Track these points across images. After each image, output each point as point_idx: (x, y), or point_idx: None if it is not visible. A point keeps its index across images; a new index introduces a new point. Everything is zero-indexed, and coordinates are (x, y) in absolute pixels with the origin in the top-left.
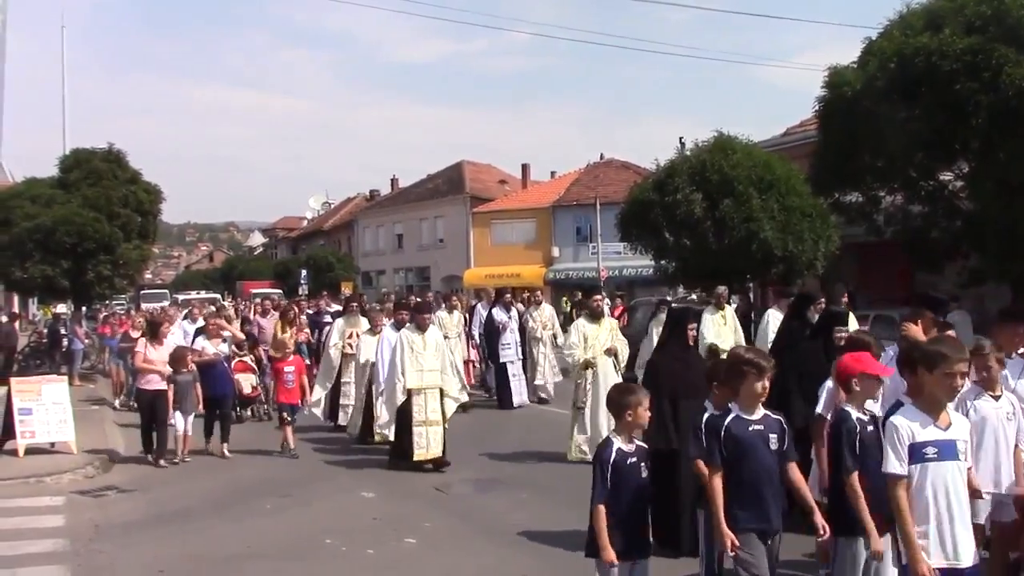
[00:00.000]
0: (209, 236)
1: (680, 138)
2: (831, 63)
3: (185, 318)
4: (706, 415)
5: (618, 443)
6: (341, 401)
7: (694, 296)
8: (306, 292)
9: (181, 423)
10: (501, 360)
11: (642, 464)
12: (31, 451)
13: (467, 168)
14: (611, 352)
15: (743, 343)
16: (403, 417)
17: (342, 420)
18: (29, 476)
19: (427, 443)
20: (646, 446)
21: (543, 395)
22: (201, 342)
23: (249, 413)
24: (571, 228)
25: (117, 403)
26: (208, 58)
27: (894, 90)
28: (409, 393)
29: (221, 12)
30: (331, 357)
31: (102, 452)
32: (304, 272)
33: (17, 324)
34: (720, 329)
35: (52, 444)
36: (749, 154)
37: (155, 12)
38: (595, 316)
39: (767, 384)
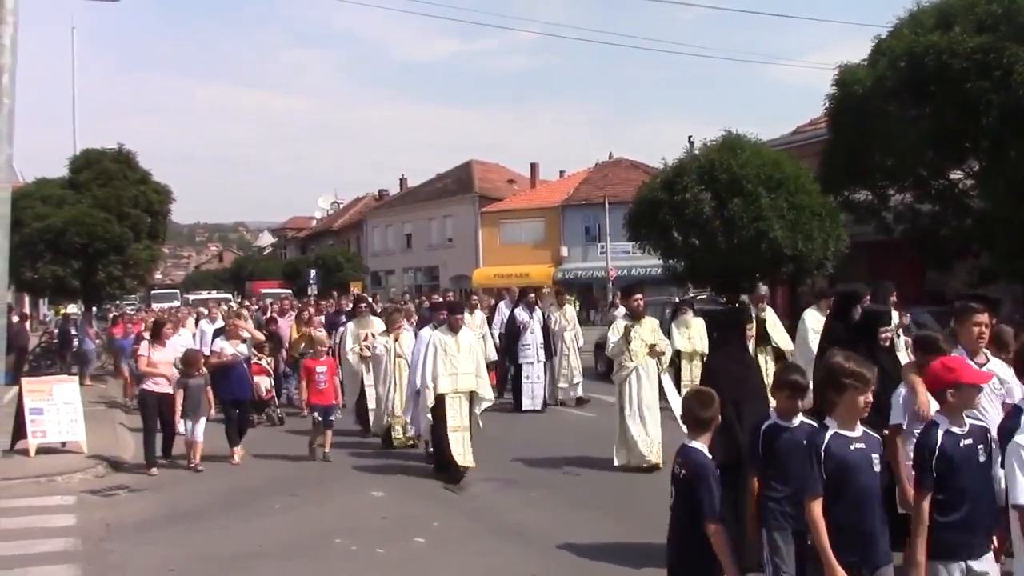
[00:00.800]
0: (219, 236)
1: (689, 137)
2: (841, 62)
3: (199, 320)
4: (766, 423)
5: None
6: (370, 405)
7: (692, 295)
8: (315, 292)
9: (191, 430)
10: (520, 361)
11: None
12: (42, 451)
13: (476, 168)
14: (655, 353)
15: (790, 346)
16: (439, 423)
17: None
18: (40, 475)
19: (463, 449)
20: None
21: (563, 397)
22: (220, 343)
23: (264, 417)
24: (580, 227)
25: (131, 404)
26: (215, 57)
27: (904, 89)
28: (442, 398)
29: (228, 11)
30: (351, 363)
31: (112, 452)
32: (313, 272)
33: (28, 324)
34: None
35: (63, 444)
36: (758, 153)
37: (162, 11)
38: (635, 316)
39: (871, 398)
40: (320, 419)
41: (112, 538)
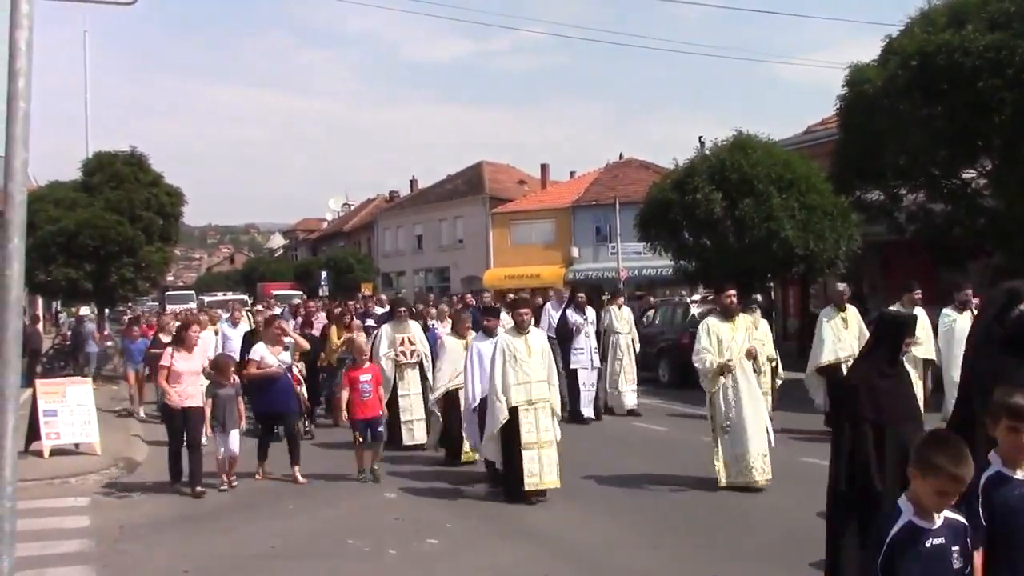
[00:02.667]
0: (230, 238)
1: (700, 137)
2: (851, 61)
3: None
4: (989, 472)
5: (919, 521)
6: (403, 417)
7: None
8: (327, 293)
9: (223, 444)
10: (572, 366)
11: (953, 549)
12: (56, 452)
13: (486, 168)
14: (750, 355)
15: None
16: (509, 439)
17: (407, 439)
18: (54, 477)
19: (539, 469)
20: (963, 521)
21: (612, 404)
22: (260, 350)
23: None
24: (590, 228)
25: (142, 411)
26: (228, 59)
27: (916, 87)
28: (515, 410)
29: (238, 13)
30: (385, 370)
31: (126, 454)
32: (324, 273)
33: (40, 326)
34: (841, 333)
35: (77, 445)
36: (769, 153)
37: (171, 13)
38: (728, 314)
39: None
40: (366, 435)
41: (126, 539)
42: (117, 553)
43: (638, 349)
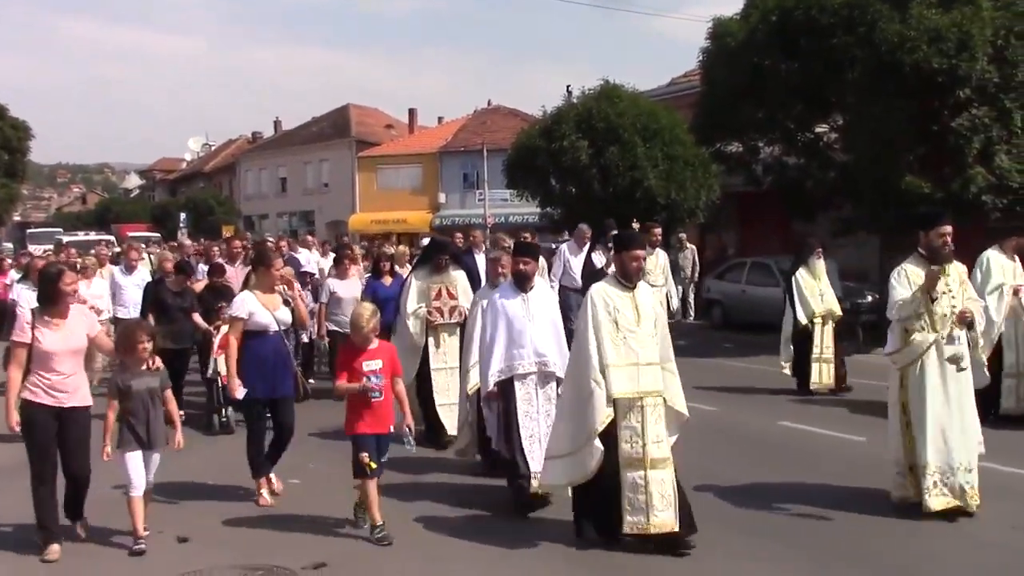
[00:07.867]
0: (82, 177)
1: (568, 86)
2: (715, 14)
3: (117, 262)
4: None
5: None
6: (438, 400)
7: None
8: (185, 235)
9: (134, 473)
10: None
11: None
12: None
13: (353, 111)
14: (964, 320)
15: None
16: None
17: (450, 428)
18: None
19: (648, 504)
20: None
21: None
22: (249, 302)
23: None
24: (458, 174)
25: None
26: None
27: (774, 42)
28: (614, 405)
29: None
30: (412, 331)
31: None
32: (183, 215)
33: None
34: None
35: None
36: (635, 103)
37: None
38: (937, 260)
39: None
40: (369, 460)
41: None
42: None
43: (675, 306)
